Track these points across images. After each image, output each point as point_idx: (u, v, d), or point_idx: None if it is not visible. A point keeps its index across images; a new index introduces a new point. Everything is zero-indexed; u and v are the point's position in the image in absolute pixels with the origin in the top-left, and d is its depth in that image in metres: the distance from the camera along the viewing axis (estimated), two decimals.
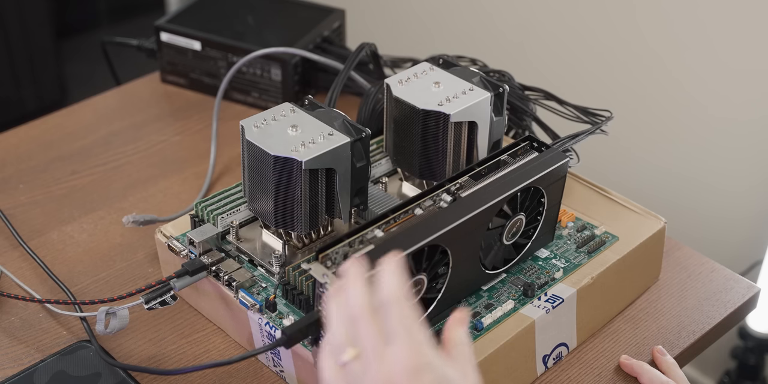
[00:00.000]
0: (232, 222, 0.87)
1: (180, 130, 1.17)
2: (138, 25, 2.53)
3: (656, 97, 1.56)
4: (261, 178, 0.82)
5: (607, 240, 0.89)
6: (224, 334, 0.89)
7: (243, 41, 1.18)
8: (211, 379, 0.84)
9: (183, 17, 1.23)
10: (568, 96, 1.01)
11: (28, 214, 1.03)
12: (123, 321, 0.82)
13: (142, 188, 1.07)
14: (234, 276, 0.84)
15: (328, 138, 0.81)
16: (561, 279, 0.85)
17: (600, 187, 0.96)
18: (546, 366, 0.85)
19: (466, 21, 1.80)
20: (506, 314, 0.82)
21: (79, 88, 2.37)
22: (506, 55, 1.72)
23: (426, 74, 0.90)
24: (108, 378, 0.83)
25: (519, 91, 1.01)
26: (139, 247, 0.99)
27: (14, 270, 0.96)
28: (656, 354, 0.87)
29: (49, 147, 1.14)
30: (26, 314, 0.91)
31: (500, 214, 0.80)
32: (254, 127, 0.82)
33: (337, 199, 0.83)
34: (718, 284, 0.95)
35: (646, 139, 1.61)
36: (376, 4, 1.96)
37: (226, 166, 1.10)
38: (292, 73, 1.15)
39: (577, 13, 1.61)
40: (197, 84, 1.23)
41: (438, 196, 0.78)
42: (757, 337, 1.54)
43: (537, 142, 0.85)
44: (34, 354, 0.87)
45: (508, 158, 0.83)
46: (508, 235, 0.82)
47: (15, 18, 2.13)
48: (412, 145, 0.89)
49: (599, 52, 1.61)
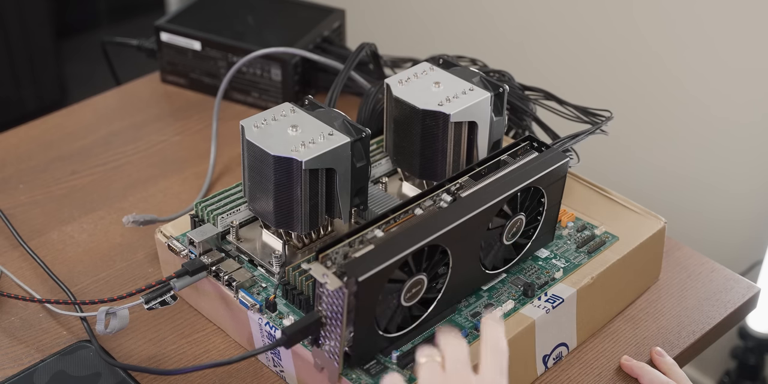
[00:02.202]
0: (232, 222, 0.87)
1: (180, 130, 1.17)
2: (138, 25, 2.53)
3: (656, 97, 1.56)
4: (261, 178, 0.82)
5: (607, 240, 0.89)
6: (224, 334, 0.89)
7: (243, 41, 1.18)
8: (211, 379, 0.84)
9: (183, 17, 1.23)
10: (568, 96, 1.01)
11: (28, 214, 1.03)
12: (123, 321, 0.82)
13: (142, 188, 1.07)
14: (234, 276, 0.84)
15: (328, 138, 0.81)
16: (561, 279, 0.85)
17: (600, 187, 0.96)
18: (546, 366, 0.85)
19: (466, 21, 1.80)
20: (506, 314, 0.82)
21: (79, 88, 2.37)
22: (506, 55, 1.72)
23: (426, 74, 0.90)
24: (108, 378, 0.83)
25: (519, 91, 1.01)
26: (139, 247, 0.99)
27: (14, 270, 0.96)
28: (655, 355, 0.87)
29: (49, 147, 1.14)
30: (26, 314, 0.91)
31: (500, 214, 0.80)
32: (254, 127, 0.82)
33: (337, 199, 0.83)
34: (718, 284, 0.95)
35: (647, 139, 1.61)
36: (376, 4, 1.96)
37: (226, 166, 1.10)
38: (292, 73, 1.15)
39: (577, 13, 1.61)
40: (197, 84, 1.23)
41: (438, 196, 0.78)
42: (757, 337, 1.54)
43: (537, 142, 0.85)
44: (34, 354, 0.87)
45: (508, 158, 0.83)
46: (508, 235, 0.82)
47: (15, 18, 2.13)
48: (412, 145, 0.89)
49: (599, 52, 1.61)
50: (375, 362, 0.77)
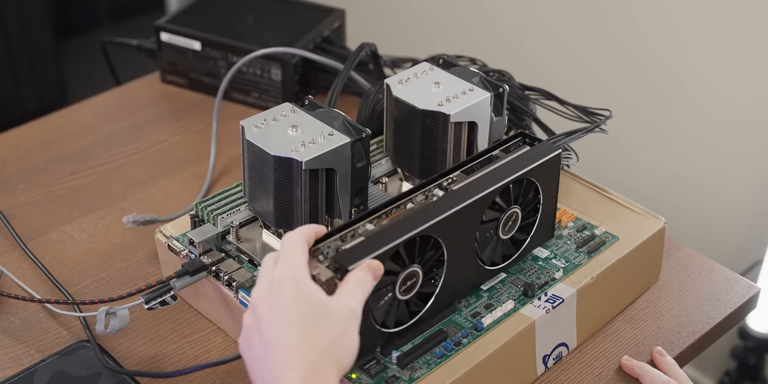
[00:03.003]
0: (232, 222, 0.87)
1: (180, 130, 1.17)
2: (138, 25, 2.53)
3: (656, 97, 1.56)
4: (261, 178, 0.82)
5: (607, 240, 0.89)
6: (224, 334, 0.89)
7: (243, 41, 1.18)
8: (211, 379, 0.84)
9: (183, 17, 1.23)
10: (568, 96, 1.01)
11: (28, 214, 1.03)
12: (123, 321, 0.82)
13: (142, 188, 1.07)
14: (234, 276, 0.84)
15: (329, 138, 0.81)
16: (561, 279, 0.85)
17: (600, 187, 0.96)
18: (546, 366, 0.85)
19: (466, 21, 1.80)
20: (506, 314, 0.82)
21: (79, 88, 2.37)
22: (506, 55, 1.72)
23: (426, 74, 0.90)
24: (108, 378, 0.83)
25: (519, 91, 1.01)
26: (139, 247, 0.99)
27: (14, 270, 0.96)
28: (655, 355, 0.87)
29: (49, 147, 1.14)
30: (26, 314, 0.91)
31: (494, 207, 0.80)
32: (254, 127, 0.82)
33: (337, 199, 0.83)
34: (718, 284, 0.95)
35: (647, 139, 1.61)
36: (376, 4, 1.96)
37: (226, 166, 1.10)
38: (292, 73, 1.15)
39: (578, 13, 1.61)
40: (197, 84, 1.23)
41: (430, 191, 0.79)
42: (757, 337, 1.54)
43: (530, 137, 0.85)
44: (34, 354, 0.87)
45: (501, 153, 0.83)
46: (504, 229, 0.82)
47: (15, 18, 2.13)
48: (412, 145, 0.89)
49: (599, 52, 1.61)
50: (375, 362, 0.77)
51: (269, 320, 0.65)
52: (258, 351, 0.66)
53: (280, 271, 0.67)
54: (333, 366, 0.64)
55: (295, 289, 0.66)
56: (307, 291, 0.66)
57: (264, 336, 0.65)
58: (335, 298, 0.68)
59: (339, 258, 0.70)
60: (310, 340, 0.64)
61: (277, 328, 0.65)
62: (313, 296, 0.66)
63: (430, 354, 0.78)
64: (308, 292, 0.66)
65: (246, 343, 0.67)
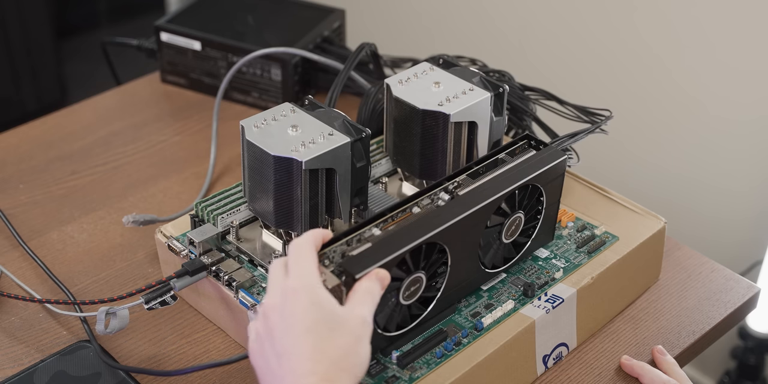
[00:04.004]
0: (232, 222, 0.87)
1: (180, 130, 1.17)
2: (138, 25, 2.53)
3: (656, 97, 1.56)
4: (261, 178, 0.82)
5: (607, 240, 0.89)
6: (224, 334, 0.89)
7: (243, 41, 1.18)
8: (211, 379, 0.84)
9: (183, 17, 1.23)
10: (568, 96, 1.01)
11: (28, 214, 1.03)
12: (123, 321, 0.82)
13: (142, 188, 1.07)
14: (234, 276, 0.84)
15: (328, 138, 0.81)
16: (561, 279, 0.85)
17: (600, 187, 0.96)
18: (546, 366, 0.85)
19: (466, 21, 1.80)
20: (506, 314, 0.82)
21: (79, 88, 2.37)
22: (506, 55, 1.72)
23: (426, 74, 0.90)
24: (108, 378, 0.83)
25: (519, 91, 1.01)
26: (139, 247, 0.99)
27: (14, 270, 0.96)
28: (656, 354, 0.87)
29: (49, 147, 1.14)
30: (26, 314, 0.91)
31: (498, 212, 0.80)
32: (254, 127, 0.82)
33: (337, 199, 0.83)
34: (718, 284, 0.95)
35: (646, 139, 1.61)
36: (376, 4, 1.96)
37: (226, 166, 1.10)
38: (292, 73, 1.15)
39: (577, 14, 1.61)
40: (197, 84, 1.23)
41: (436, 194, 0.78)
42: (757, 337, 1.54)
43: (535, 140, 0.85)
44: (34, 354, 0.87)
45: (506, 156, 0.83)
46: (507, 233, 0.82)
47: (15, 18, 2.13)
48: (412, 145, 0.89)
49: (599, 52, 1.61)
50: (375, 362, 0.77)
51: (282, 329, 0.65)
52: (270, 360, 0.65)
53: (294, 280, 0.66)
54: (346, 375, 0.64)
55: (309, 298, 0.65)
56: (321, 300, 0.66)
57: (276, 345, 0.65)
58: (347, 307, 0.67)
59: (346, 264, 0.70)
60: (324, 350, 0.64)
61: (291, 337, 0.64)
62: (327, 305, 0.66)
63: (430, 354, 0.78)
64: (322, 301, 0.66)
65: (257, 353, 0.67)
